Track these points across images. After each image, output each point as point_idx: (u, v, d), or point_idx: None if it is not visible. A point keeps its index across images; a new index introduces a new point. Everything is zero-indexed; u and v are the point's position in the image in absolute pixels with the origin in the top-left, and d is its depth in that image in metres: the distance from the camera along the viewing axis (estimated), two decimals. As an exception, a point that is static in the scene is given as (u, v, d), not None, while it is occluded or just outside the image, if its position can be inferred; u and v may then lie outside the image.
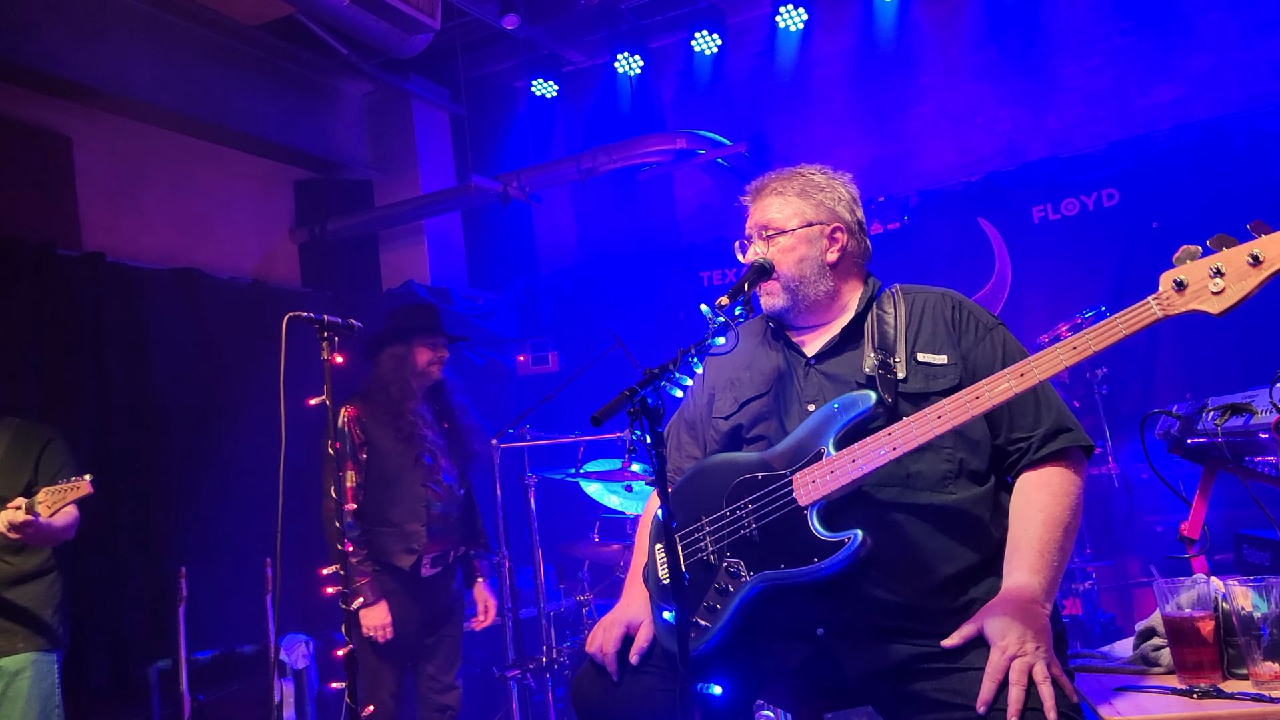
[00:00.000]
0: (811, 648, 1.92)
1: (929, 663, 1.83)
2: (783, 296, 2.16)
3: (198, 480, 5.10)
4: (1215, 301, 1.64)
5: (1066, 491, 1.97)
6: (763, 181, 2.28)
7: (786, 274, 2.14)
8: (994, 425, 2.03)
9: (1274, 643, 1.86)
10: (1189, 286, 1.66)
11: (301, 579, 4.94)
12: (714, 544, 2.02)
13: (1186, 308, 1.66)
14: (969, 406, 1.83)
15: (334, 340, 2.82)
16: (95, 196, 5.62)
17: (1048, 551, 1.89)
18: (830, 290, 2.17)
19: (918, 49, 6.73)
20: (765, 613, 1.96)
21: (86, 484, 3.23)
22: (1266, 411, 2.22)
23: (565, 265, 7.81)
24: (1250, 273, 1.60)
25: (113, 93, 5.42)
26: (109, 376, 4.81)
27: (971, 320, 2.11)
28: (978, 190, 6.18)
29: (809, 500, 1.92)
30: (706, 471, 2.13)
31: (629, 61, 7.11)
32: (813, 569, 1.87)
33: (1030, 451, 1.98)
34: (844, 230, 2.20)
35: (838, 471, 1.91)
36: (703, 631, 1.96)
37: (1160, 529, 4.91)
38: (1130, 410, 5.32)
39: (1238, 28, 5.89)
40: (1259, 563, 2.80)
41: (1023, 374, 1.80)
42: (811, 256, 2.15)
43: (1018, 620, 1.77)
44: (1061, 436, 1.98)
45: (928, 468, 1.97)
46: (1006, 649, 1.74)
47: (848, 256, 2.21)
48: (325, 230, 6.92)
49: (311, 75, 6.75)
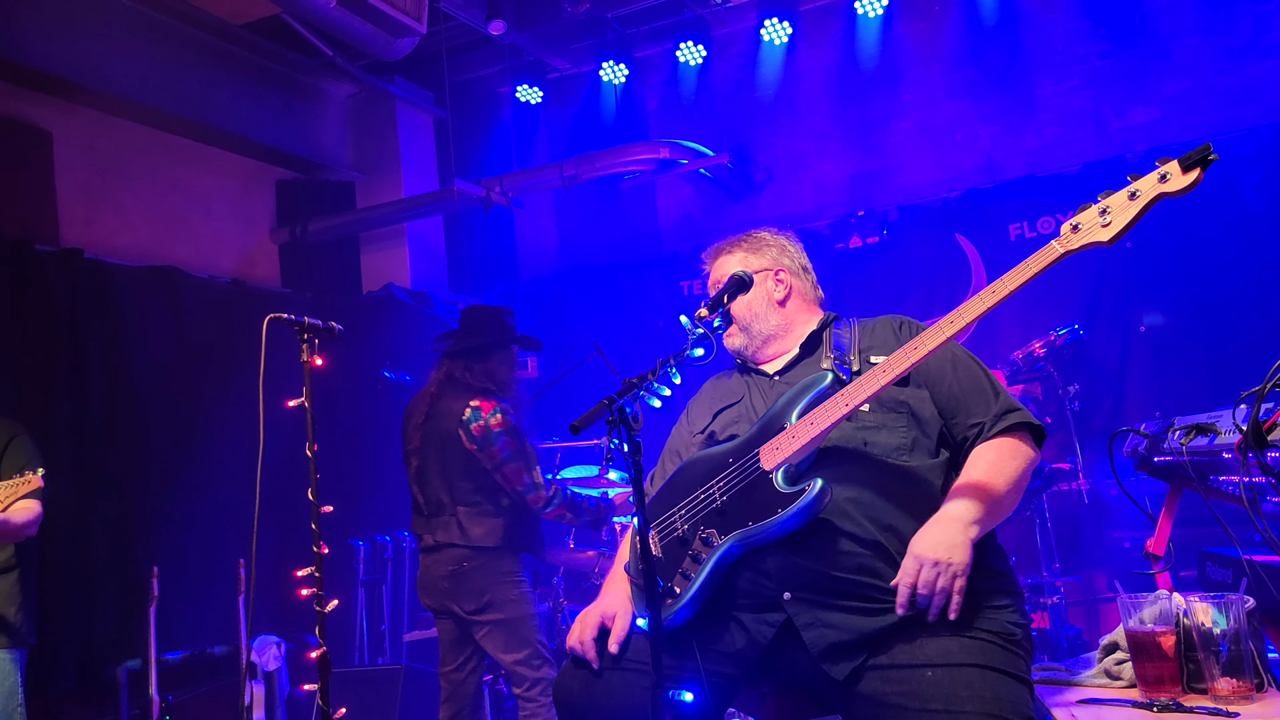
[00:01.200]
0: (780, 617, 1.97)
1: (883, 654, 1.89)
2: (740, 336, 2.38)
3: (173, 480, 5.07)
4: (1104, 232, 1.86)
5: (1014, 454, 2.09)
6: (716, 247, 2.53)
7: (739, 315, 2.37)
8: (949, 414, 2.15)
9: (1233, 658, 1.90)
10: (1083, 226, 1.89)
11: (275, 581, 4.93)
12: (686, 521, 2.13)
13: (1082, 242, 1.89)
14: (909, 355, 1.95)
15: (314, 342, 2.82)
16: (74, 192, 5.58)
17: (983, 490, 2.00)
18: (782, 324, 2.38)
19: (900, 65, 6.80)
20: (735, 584, 2.02)
21: (37, 478, 3.18)
22: (1230, 432, 2.27)
23: (546, 271, 7.82)
24: (1130, 205, 1.85)
25: (93, 87, 5.39)
26: (85, 373, 4.78)
27: (917, 329, 2.27)
28: (956, 206, 6.25)
29: (773, 464, 2.03)
30: (685, 467, 2.25)
31: (614, 70, 7.15)
32: (778, 520, 1.95)
33: (984, 431, 2.11)
34: (787, 272, 2.43)
35: (798, 435, 2.02)
36: (677, 598, 2.03)
37: (1128, 545, 4.98)
38: (1101, 427, 5.39)
39: (1212, 53, 6.00)
40: (1222, 580, 2.85)
41: (952, 320, 1.93)
42: (759, 297, 2.37)
43: (937, 534, 1.90)
44: (1010, 415, 2.12)
45: (884, 439, 2.09)
46: (921, 555, 1.88)
47: (795, 294, 2.42)
48: (306, 231, 6.91)
49: (295, 75, 6.74)
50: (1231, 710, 1.83)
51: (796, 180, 6.98)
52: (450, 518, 3.81)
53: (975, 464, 2.07)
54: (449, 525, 3.80)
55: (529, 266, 7.95)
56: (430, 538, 3.85)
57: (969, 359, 2.22)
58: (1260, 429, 1.92)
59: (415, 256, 7.37)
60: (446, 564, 3.80)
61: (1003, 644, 1.90)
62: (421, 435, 3.89)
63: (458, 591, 3.78)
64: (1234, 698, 1.88)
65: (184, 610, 4.76)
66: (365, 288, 7.21)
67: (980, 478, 2.02)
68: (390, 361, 6.48)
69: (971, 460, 2.09)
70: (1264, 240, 5.28)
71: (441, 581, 3.81)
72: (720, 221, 7.15)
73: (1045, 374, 5.16)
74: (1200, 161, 1.79)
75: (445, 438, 3.81)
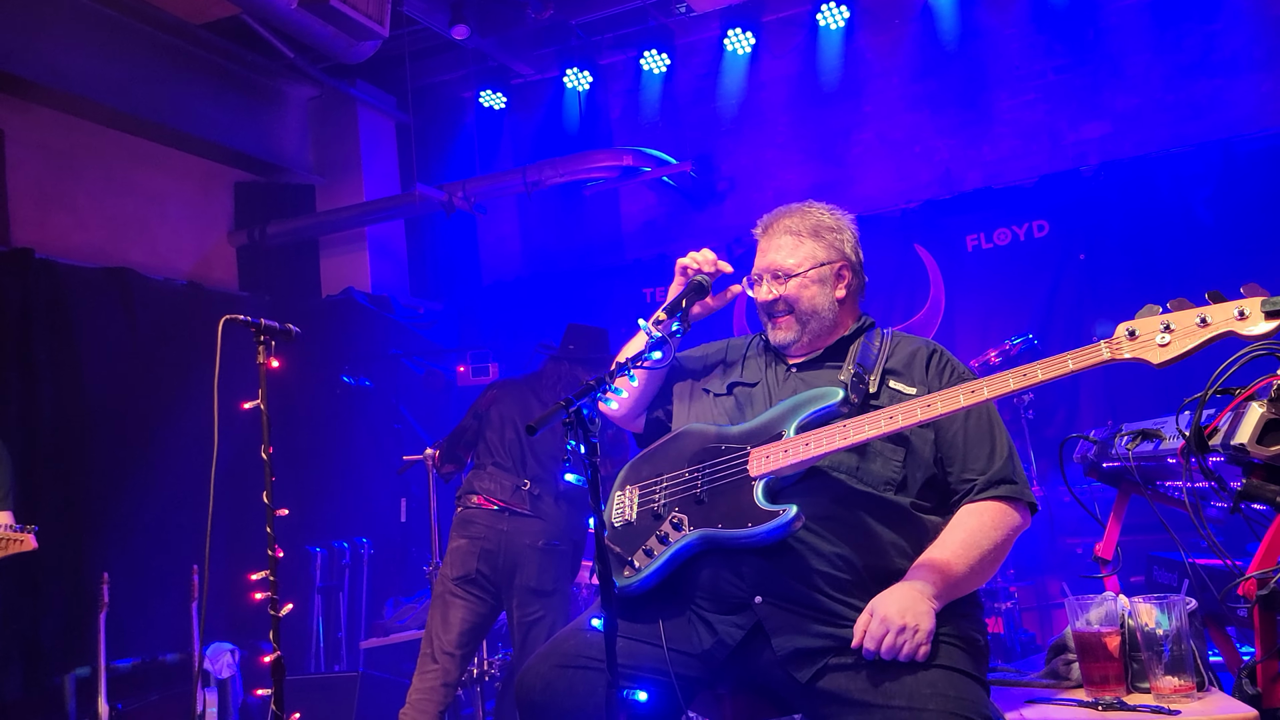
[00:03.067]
0: (749, 620, 1.98)
1: (847, 654, 1.90)
2: (795, 330, 2.26)
3: (125, 484, 4.99)
4: (1159, 353, 1.75)
5: (996, 525, 2.05)
6: (774, 219, 2.36)
7: (802, 309, 2.25)
8: (947, 461, 2.13)
9: (1175, 658, 1.95)
10: (1140, 336, 1.79)
11: (229, 587, 4.85)
12: (665, 497, 2.13)
13: (1132, 354, 1.78)
14: (920, 412, 1.93)
15: (270, 344, 2.80)
16: (25, 191, 5.49)
17: (956, 563, 1.98)
18: (833, 324, 2.29)
19: (861, 77, 6.89)
20: (705, 577, 2.03)
21: (31, 540, 3.18)
22: (1174, 437, 2.32)
23: (509, 277, 7.81)
24: (1197, 332, 1.73)
25: (47, 86, 5.30)
26: (35, 376, 4.70)
27: (949, 367, 2.23)
28: (915, 218, 6.33)
29: (758, 473, 2.03)
30: (681, 436, 2.25)
31: (578, 77, 7.16)
32: (746, 533, 1.96)
33: (974, 491, 2.08)
34: (849, 269, 2.32)
35: (790, 451, 2.01)
36: (636, 571, 2.05)
37: (1080, 551, 5.06)
38: (1055, 435, 5.48)
39: (1164, 70, 6.14)
40: (1169, 583, 2.91)
41: (973, 390, 1.91)
42: (823, 294, 2.26)
43: (904, 602, 1.88)
44: (1005, 486, 2.08)
45: (877, 469, 2.07)
46: (886, 619, 1.85)
47: (851, 295, 2.33)
48: (265, 234, 6.84)
49: (255, 77, 6.67)
50: (1173, 708, 1.87)
51: (759, 189, 7.03)
52: (555, 500, 4.02)
53: (956, 530, 2.04)
54: (555, 506, 4.01)
55: (491, 272, 7.93)
56: (524, 505, 3.96)
57: (988, 412, 2.15)
58: (1202, 434, 1.97)
59: (376, 261, 7.32)
60: (540, 535, 3.94)
61: (965, 647, 1.93)
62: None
63: (544, 563, 3.90)
64: (1176, 696, 1.92)
65: (135, 617, 4.69)
66: (325, 292, 7.15)
67: (959, 548, 1.99)
68: (350, 366, 6.43)
69: (955, 523, 2.06)
70: (1213, 253, 5.41)
71: (527, 549, 3.91)
72: (683, 229, 7.18)
73: (1000, 382, 5.23)
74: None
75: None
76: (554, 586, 3.94)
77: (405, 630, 5.31)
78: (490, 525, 3.94)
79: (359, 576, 6.00)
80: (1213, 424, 1.99)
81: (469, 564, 3.92)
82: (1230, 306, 1.72)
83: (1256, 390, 1.90)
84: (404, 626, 5.37)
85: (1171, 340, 1.74)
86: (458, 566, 3.94)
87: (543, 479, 4.03)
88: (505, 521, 3.94)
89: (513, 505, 3.96)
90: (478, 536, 3.94)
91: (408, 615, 5.43)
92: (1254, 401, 1.88)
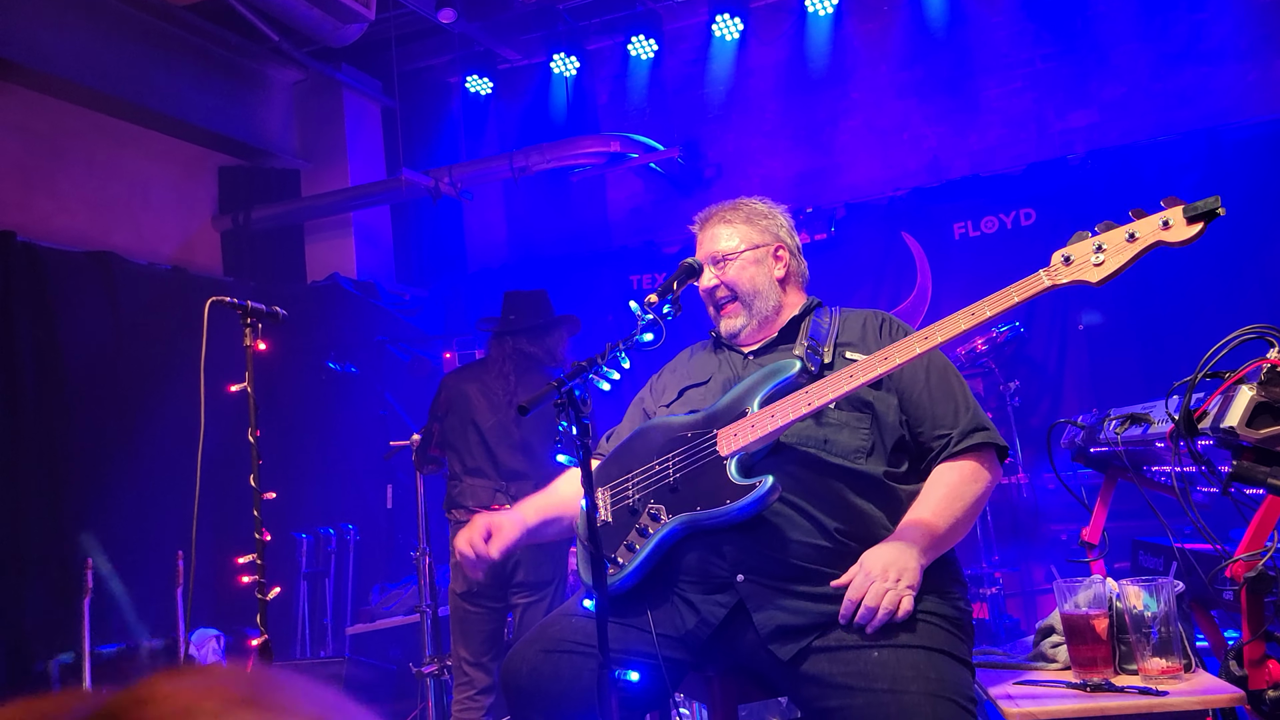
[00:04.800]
0: (732, 599, 1.99)
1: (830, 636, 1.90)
2: (741, 316, 2.32)
3: (109, 469, 4.95)
4: (1095, 272, 1.78)
5: (975, 478, 2.09)
6: (709, 213, 2.44)
7: (744, 291, 2.31)
8: (915, 423, 2.15)
9: (1163, 640, 1.96)
10: (1074, 260, 1.80)
11: (214, 573, 4.83)
12: (638, 492, 2.14)
13: (1070, 278, 1.80)
14: (878, 365, 1.94)
15: (257, 327, 2.77)
16: (7, 173, 5.42)
17: (940, 516, 2.01)
18: (777, 305, 2.35)
19: (849, 64, 6.88)
20: (688, 560, 2.04)
21: None
22: (1163, 421, 2.33)
23: (495, 264, 7.77)
24: (1127, 248, 1.76)
25: (27, 66, 5.23)
26: (17, 359, 4.65)
27: (900, 329, 2.28)
28: (903, 205, 6.33)
29: (728, 451, 2.03)
30: (644, 432, 2.26)
31: (565, 62, 7.12)
32: (725, 509, 1.97)
33: (950, 445, 2.11)
34: (786, 250, 2.40)
35: (757, 425, 2.02)
36: (620, 568, 2.06)
37: (1065, 537, 5.09)
38: (1040, 423, 5.51)
39: (1150, 59, 6.15)
40: (1154, 568, 2.93)
41: (926, 336, 1.92)
42: (762, 274, 2.33)
43: (890, 555, 1.91)
44: (978, 434, 2.11)
45: (845, 439, 2.09)
46: (870, 573, 1.88)
47: (791, 275, 2.40)
48: (249, 219, 6.78)
49: (240, 60, 6.61)
50: (1161, 689, 1.88)
51: (745, 176, 7.02)
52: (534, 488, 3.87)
53: (936, 487, 2.07)
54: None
55: (477, 259, 7.90)
56: (507, 505, 3.84)
57: (944, 367, 2.20)
58: (1191, 417, 1.98)
59: (361, 247, 7.27)
60: None
61: (948, 628, 1.93)
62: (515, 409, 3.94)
63: (539, 557, 3.84)
64: (1163, 677, 1.93)
65: (119, 602, 4.65)
66: (310, 278, 7.10)
67: (939, 504, 2.02)
68: (335, 353, 6.38)
69: (933, 481, 2.09)
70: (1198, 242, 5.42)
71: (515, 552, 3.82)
72: (670, 216, 7.16)
73: (987, 370, 5.26)
74: (1205, 215, 1.70)
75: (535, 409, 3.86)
76: (551, 576, 3.93)
77: (391, 616, 5.30)
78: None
79: (345, 562, 5.98)
80: (1202, 407, 2.00)
81: (470, 579, 3.92)
82: (1155, 219, 1.75)
83: (1246, 373, 1.91)
84: (390, 613, 5.36)
85: (1105, 259, 1.77)
86: (460, 582, 3.95)
87: (518, 474, 3.95)
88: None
89: (496, 509, 3.92)
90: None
91: (394, 601, 5.42)
92: (1244, 385, 1.89)
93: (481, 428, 4.01)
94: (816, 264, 6.91)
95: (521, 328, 4.05)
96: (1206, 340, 2.02)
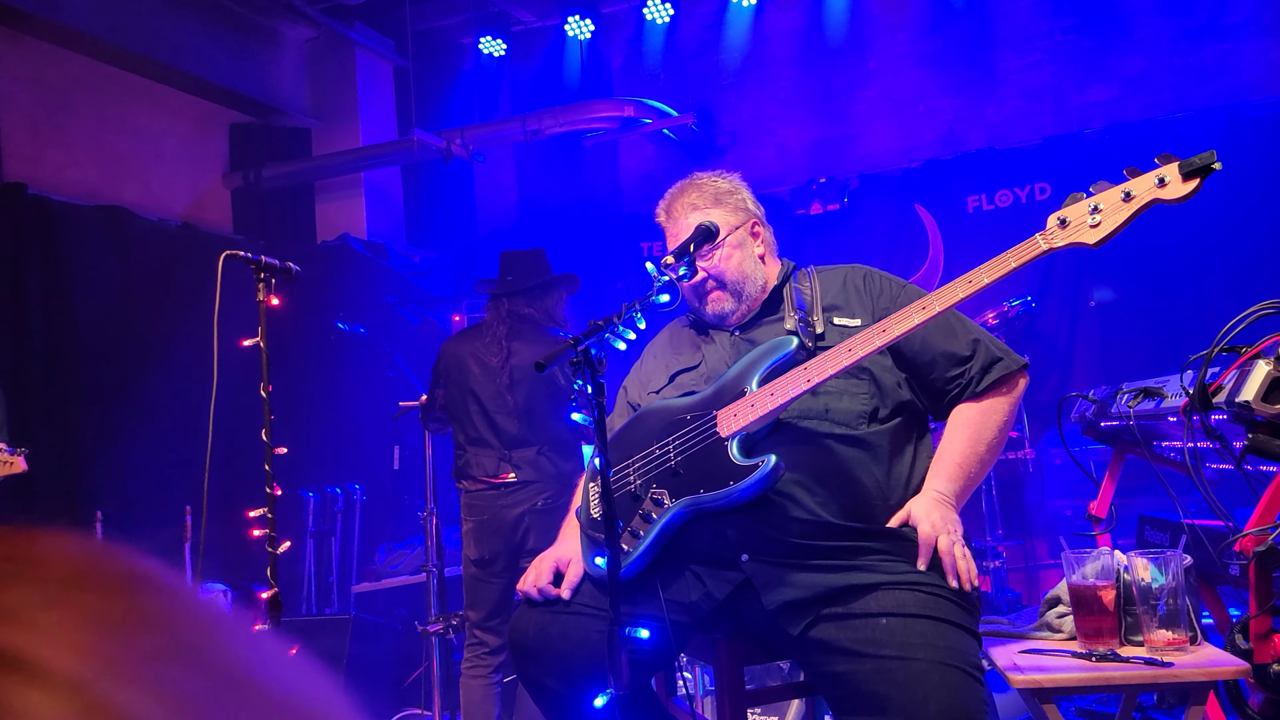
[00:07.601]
0: (738, 576, 1.98)
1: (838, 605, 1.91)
2: (729, 300, 2.27)
3: (116, 423, 4.98)
4: (1092, 234, 1.76)
5: (998, 410, 2.10)
6: (672, 201, 2.37)
7: (731, 279, 2.26)
8: (924, 370, 2.14)
9: (1170, 612, 1.96)
10: (1070, 222, 1.78)
11: (222, 528, 4.86)
12: (640, 477, 2.12)
13: (1067, 240, 1.78)
14: (876, 339, 1.92)
15: (271, 282, 2.77)
16: (18, 126, 5.40)
17: (967, 464, 2.04)
18: (765, 284, 2.32)
19: (867, 33, 6.80)
20: (693, 543, 2.03)
21: (21, 462, 3.14)
22: (1176, 396, 2.32)
23: (505, 227, 7.75)
24: (1123, 207, 1.74)
25: (40, 17, 5.20)
26: (28, 312, 4.66)
27: (883, 283, 2.25)
28: (917, 177, 6.29)
29: (729, 432, 2.02)
30: (642, 417, 2.24)
31: (580, 25, 7.06)
32: (728, 491, 1.95)
33: (971, 385, 2.11)
34: (759, 223, 2.34)
35: (757, 405, 2.00)
36: (625, 555, 2.04)
37: (1070, 513, 5.11)
38: (1048, 399, 5.50)
39: (1172, 33, 6.07)
40: (1159, 543, 2.93)
41: (924, 307, 1.90)
42: (747, 257, 2.28)
43: (938, 509, 1.95)
44: (996, 366, 2.11)
45: (846, 406, 2.07)
46: (935, 526, 1.91)
47: (768, 247, 2.36)
48: (260, 177, 6.76)
49: (252, 16, 6.56)
50: (1167, 660, 1.89)
51: (759, 145, 6.97)
52: (538, 454, 3.87)
53: (959, 430, 2.07)
54: (537, 461, 3.86)
55: (488, 222, 7.87)
56: (512, 474, 3.86)
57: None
58: (1206, 391, 1.97)
59: (372, 207, 7.25)
60: (538, 496, 3.84)
61: (955, 599, 1.94)
62: (509, 375, 3.89)
63: (543, 526, 3.81)
64: (1169, 649, 1.94)
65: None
66: (320, 237, 7.09)
67: (963, 447, 2.05)
68: (344, 313, 6.39)
69: (955, 425, 2.09)
70: (1214, 220, 5.39)
71: (530, 514, 3.83)
72: (682, 183, 7.12)
73: (997, 344, 5.24)
74: (1201, 170, 1.67)
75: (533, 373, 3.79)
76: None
77: (397, 575, 5.34)
78: (488, 505, 3.92)
79: (351, 522, 6.02)
80: (1217, 382, 1.99)
81: (481, 547, 3.93)
82: (1150, 176, 1.72)
83: (1263, 348, 1.90)
84: (396, 572, 5.39)
85: (1102, 220, 1.75)
86: (473, 550, 3.96)
87: (521, 439, 3.91)
88: (501, 497, 3.91)
89: (502, 478, 3.93)
90: (481, 519, 3.94)
91: (400, 561, 5.46)
92: (1260, 359, 1.88)
93: (480, 396, 3.97)
94: (829, 234, 6.91)
95: (519, 289, 4.00)
96: (1219, 318, 2.01)
